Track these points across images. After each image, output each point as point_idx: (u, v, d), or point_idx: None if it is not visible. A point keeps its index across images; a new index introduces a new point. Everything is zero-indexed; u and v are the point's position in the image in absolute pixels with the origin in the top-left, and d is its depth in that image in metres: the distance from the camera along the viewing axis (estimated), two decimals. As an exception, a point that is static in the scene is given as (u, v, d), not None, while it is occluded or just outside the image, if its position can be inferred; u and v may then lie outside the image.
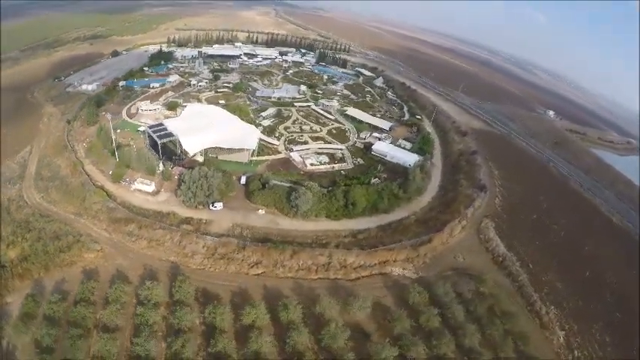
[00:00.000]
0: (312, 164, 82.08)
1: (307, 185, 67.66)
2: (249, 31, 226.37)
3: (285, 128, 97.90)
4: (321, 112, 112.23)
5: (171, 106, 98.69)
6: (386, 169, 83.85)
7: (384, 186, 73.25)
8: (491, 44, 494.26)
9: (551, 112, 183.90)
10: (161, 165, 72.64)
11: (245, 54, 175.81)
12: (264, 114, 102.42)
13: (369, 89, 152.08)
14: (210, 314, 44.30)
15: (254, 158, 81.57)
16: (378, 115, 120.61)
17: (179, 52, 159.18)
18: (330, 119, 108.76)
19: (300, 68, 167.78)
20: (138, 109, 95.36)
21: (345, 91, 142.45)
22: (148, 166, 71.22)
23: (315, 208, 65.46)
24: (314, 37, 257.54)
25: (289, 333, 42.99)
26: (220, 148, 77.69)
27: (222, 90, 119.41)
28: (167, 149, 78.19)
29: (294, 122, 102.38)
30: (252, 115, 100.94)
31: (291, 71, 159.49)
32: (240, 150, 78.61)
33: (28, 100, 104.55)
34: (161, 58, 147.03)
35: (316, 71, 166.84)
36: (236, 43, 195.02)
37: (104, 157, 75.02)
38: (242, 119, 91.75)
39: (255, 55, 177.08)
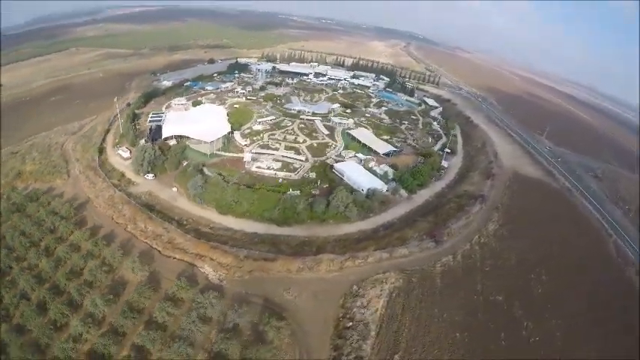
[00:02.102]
0: (258, 167, 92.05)
1: (213, 177, 78.98)
2: (338, 54, 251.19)
3: (271, 134, 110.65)
4: (321, 127, 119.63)
5: (195, 104, 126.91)
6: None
7: (296, 199, 75.83)
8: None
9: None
10: (142, 141, 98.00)
11: (316, 73, 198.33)
12: (260, 120, 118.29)
13: (416, 117, 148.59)
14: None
15: (218, 152, 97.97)
16: (394, 140, 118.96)
17: (255, 66, 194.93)
18: (324, 134, 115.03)
19: (357, 90, 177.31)
20: (171, 102, 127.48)
21: (383, 115, 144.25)
22: (132, 139, 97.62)
23: (209, 198, 75.80)
24: (409, 66, 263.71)
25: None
26: (188, 137, 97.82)
27: (251, 97, 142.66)
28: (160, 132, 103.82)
29: (285, 131, 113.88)
30: (253, 119, 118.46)
31: (341, 91, 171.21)
32: (206, 142, 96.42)
33: (124, 87, 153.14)
34: (236, 69, 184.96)
35: (375, 95, 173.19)
36: (312, 63, 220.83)
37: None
38: (235, 121, 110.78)
39: (324, 75, 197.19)
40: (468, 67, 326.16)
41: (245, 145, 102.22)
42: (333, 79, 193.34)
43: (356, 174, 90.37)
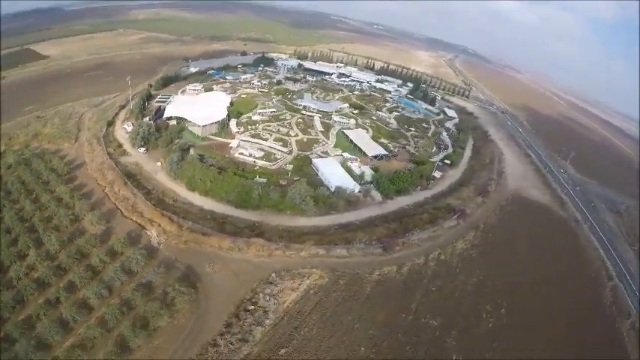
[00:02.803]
0: (240, 153, 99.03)
1: (189, 156, 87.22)
2: (365, 57, 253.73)
3: (266, 126, 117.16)
4: (318, 124, 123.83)
5: (207, 90, 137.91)
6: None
7: (255, 186, 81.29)
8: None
9: None
10: (147, 119, 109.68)
11: (340, 73, 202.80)
12: (260, 111, 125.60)
13: (428, 125, 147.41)
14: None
15: (211, 136, 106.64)
16: (392, 145, 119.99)
17: (281, 61, 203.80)
18: (318, 131, 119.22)
19: (375, 94, 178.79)
20: (187, 87, 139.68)
21: (392, 120, 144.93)
22: (138, 116, 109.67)
23: (182, 175, 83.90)
24: (445, 77, 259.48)
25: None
26: (185, 119, 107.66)
27: (263, 90, 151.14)
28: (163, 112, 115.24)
29: (281, 124, 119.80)
30: (255, 110, 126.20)
31: (357, 93, 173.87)
32: (199, 125, 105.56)
33: (156, 69, 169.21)
34: (261, 62, 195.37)
35: (393, 100, 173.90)
36: (338, 64, 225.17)
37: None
38: (237, 110, 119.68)
39: (347, 76, 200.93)
40: (511, 86, 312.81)
41: (237, 132, 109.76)
42: (355, 80, 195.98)
43: (329, 171, 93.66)
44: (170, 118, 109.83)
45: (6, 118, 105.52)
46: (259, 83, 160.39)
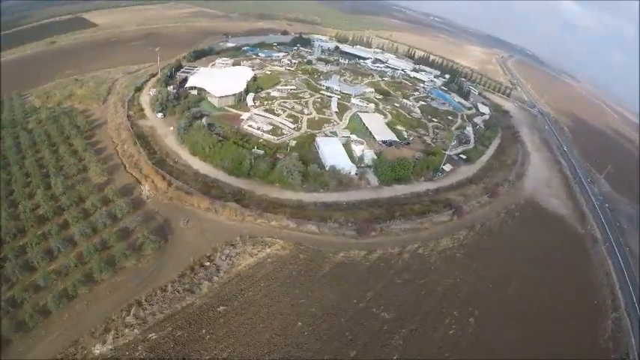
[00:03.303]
0: (249, 126, 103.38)
1: (196, 123, 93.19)
2: (411, 46, 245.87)
3: (283, 102, 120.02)
4: (334, 105, 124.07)
5: (235, 64, 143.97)
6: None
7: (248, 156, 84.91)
8: None
9: None
10: (170, 87, 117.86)
11: (375, 59, 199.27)
12: (279, 87, 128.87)
13: (453, 118, 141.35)
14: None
15: (227, 108, 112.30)
16: (408, 134, 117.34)
17: (318, 42, 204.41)
18: (332, 112, 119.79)
19: (405, 81, 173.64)
20: (216, 61, 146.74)
21: (415, 109, 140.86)
22: (162, 84, 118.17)
23: (188, 139, 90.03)
24: (491, 74, 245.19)
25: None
26: (205, 90, 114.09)
27: (290, 69, 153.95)
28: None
29: (297, 101, 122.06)
30: (277, 86, 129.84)
31: (387, 79, 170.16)
32: (216, 97, 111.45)
33: (195, 42, 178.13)
34: (298, 42, 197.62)
35: (425, 89, 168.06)
36: (375, 49, 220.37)
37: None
38: (257, 85, 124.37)
39: (383, 62, 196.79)
40: (562, 91, 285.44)
41: (252, 106, 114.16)
42: (390, 67, 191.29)
43: (329, 149, 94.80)
44: (192, 88, 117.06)
45: (49, 79, 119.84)
46: (288, 62, 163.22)
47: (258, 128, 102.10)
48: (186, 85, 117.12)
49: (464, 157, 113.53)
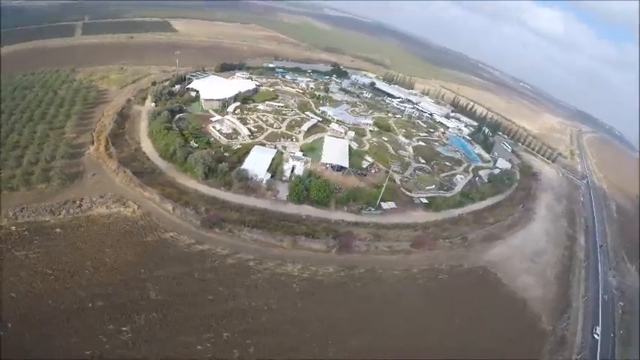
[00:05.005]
0: (213, 126, 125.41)
1: (163, 116, 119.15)
2: (471, 100, 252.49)
3: (262, 115, 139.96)
4: (306, 125, 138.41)
5: (248, 78, 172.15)
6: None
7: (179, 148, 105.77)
8: None
9: None
10: (177, 86, 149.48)
11: (406, 99, 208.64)
12: (268, 102, 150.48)
13: (452, 166, 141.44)
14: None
15: (211, 110, 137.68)
16: (369, 166, 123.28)
17: (355, 76, 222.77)
18: (302, 130, 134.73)
19: (419, 122, 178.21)
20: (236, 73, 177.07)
21: (409, 148, 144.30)
22: (172, 83, 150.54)
23: (151, 126, 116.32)
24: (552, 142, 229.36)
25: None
26: (198, 92, 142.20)
27: (299, 91, 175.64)
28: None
29: (276, 117, 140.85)
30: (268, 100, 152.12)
31: (402, 117, 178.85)
32: (204, 100, 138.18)
33: (243, 59, 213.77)
34: (334, 72, 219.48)
35: (445, 138, 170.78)
36: (412, 91, 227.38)
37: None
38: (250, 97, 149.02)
39: (414, 103, 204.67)
40: (634, 173, 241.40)
41: (230, 112, 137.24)
42: (417, 109, 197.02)
43: (255, 155, 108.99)
44: (190, 90, 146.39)
45: (103, 63, 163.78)
46: (305, 85, 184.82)
47: (219, 130, 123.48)
48: (187, 86, 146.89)
49: (426, 201, 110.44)
